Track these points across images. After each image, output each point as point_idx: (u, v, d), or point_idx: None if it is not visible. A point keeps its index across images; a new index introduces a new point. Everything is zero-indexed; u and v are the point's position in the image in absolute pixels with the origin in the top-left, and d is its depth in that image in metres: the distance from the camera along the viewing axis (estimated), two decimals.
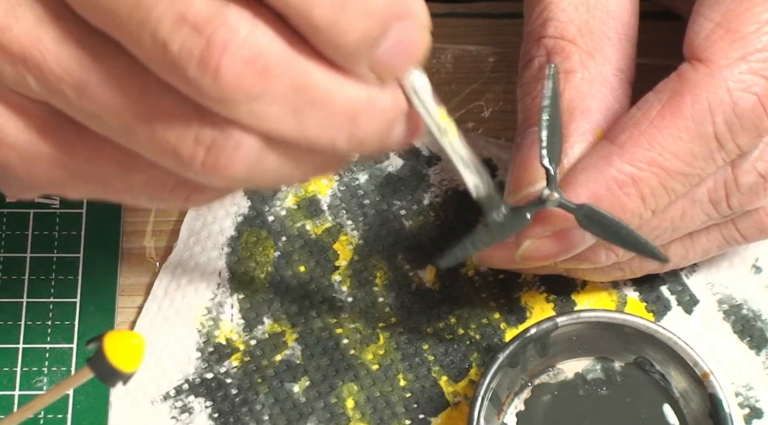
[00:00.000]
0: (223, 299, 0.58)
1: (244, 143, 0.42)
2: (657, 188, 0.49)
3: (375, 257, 0.59)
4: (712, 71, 0.49)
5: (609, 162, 0.49)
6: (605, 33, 0.52)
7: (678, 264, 0.56)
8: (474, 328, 0.57)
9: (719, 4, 0.50)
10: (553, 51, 0.52)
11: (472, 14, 0.64)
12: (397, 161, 0.60)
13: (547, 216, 0.50)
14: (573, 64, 0.52)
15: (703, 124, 0.49)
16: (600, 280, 0.57)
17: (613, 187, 0.49)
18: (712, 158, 0.50)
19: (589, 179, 0.49)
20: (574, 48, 0.52)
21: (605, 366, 0.55)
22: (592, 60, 0.52)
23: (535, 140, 0.50)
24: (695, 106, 0.49)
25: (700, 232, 0.54)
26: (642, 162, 0.49)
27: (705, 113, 0.49)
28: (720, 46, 0.49)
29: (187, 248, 0.59)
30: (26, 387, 0.55)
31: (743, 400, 0.56)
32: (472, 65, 0.63)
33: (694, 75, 0.49)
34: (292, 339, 0.57)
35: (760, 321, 0.57)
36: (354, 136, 0.43)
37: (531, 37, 0.54)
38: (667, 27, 0.57)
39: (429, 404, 0.56)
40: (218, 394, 0.56)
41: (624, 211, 0.49)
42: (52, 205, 0.59)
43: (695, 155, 0.49)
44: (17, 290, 0.57)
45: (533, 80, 0.53)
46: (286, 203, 0.60)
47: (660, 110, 0.49)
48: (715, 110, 0.49)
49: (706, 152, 0.49)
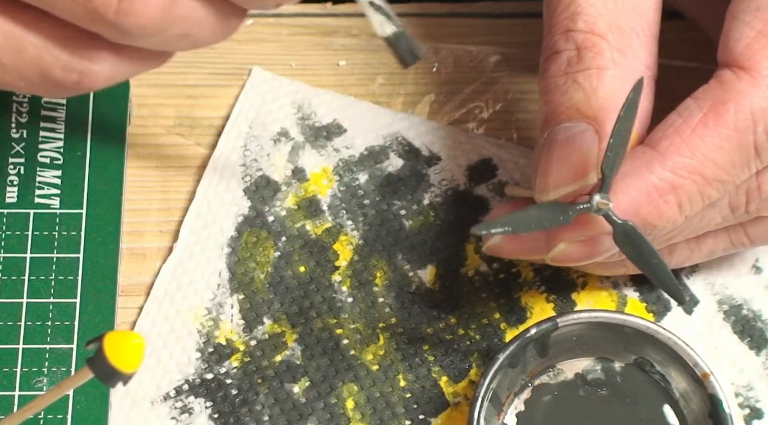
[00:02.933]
0: (223, 299, 0.58)
1: None
2: (695, 196, 0.49)
3: (375, 257, 0.59)
4: (756, 80, 0.49)
5: (650, 169, 0.49)
6: (633, 29, 0.52)
7: (681, 264, 0.56)
8: (474, 328, 0.57)
9: (761, 11, 0.49)
10: (583, 46, 0.52)
11: (472, 14, 0.64)
12: (397, 161, 0.60)
13: (587, 222, 0.49)
14: (605, 61, 0.51)
15: (746, 133, 0.49)
16: (603, 274, 0.57)
17: (654, 194, 0.49)
18: (748, 166, 0.50)
19: (630, 186, 0.49)
20: (605, 43, 0.51)
21: (605, 367, 0.55)
22: (623, 57, 0.51)
23: (574, 136, 0.50)
24: (738, 115, 0.49)
25: (708, 234, 0.54)
26: (683, 170, 0.49)
27: (748, 122, 0.49)
28: (764, 55, 0.49)
29: (187, 248, 0.59)
30: (26, 388, 0.55)
31: (743, 400, 0.56)
32: (472, 65, 0.63)
33: (737, 84, 0.49)
34: (292, 339, 0.57)
35: (760, 322, 0.57)
36: None
37: (557, 29, 0.53)
38: (670, 27, 0.57)
39: (429, 404, 0.56)
40: (218, 395, 0.56)
41: (661, 218, 0.49)
42: (51, 205, 0.59)
43: (734, 164, 0.49)
44: (17, 291, 0.57)
45: (561, 74, 0.52)
46: (286, 204, 0.60)
47: (702, 117, 0.49)
48: (758, 120, 0.49)
49: (743, 161, 0.49)
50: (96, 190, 0.59)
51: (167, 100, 0.62)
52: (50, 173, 0.60)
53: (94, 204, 0.59)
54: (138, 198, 0.60)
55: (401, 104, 0.62)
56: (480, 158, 0.61)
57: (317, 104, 0.62)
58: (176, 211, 0.60)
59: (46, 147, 0.60)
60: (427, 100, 0.62)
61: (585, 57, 0.51)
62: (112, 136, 0.60)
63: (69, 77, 0.46)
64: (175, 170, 0.61)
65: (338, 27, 0.64)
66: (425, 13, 0.64)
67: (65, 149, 0.60)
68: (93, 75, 0.46)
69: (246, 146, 0.61)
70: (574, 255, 0.51)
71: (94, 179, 0.59)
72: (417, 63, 0.49)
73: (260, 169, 0.60)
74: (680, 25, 0.62)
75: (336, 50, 0.63)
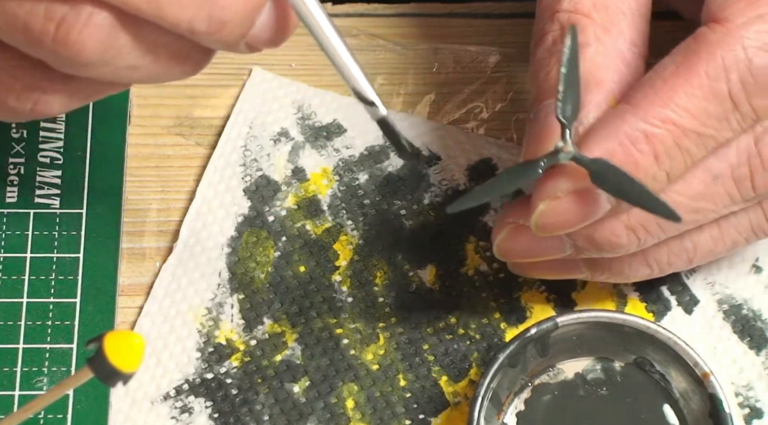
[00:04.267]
0: (223, 299, 0.58)
1: (95, 18, 0.42)
2: (671, 147, 0.49)
3: (375, 257, 0.59)
4: (728, 30, 0.48)
5: (623, 119, 0.49)
6: (620, 8, 0.52)
7: (705, 259, 0.55)
8: (474, 328, 0.57)
9: None
10: (567, 25, 0.52)
11: (472, 14, 0.64)
12: (397, 161, 0.60)
13: (559, 171, 0.49)
14: (587, 38, 0.51)
15: (718, 81, 0.48)
16: (628, 281, 0.56)
17: (626, 143, 0.49)
18: (726, 119, 0.49)
19: (602, 136, 0.49)
20: (588, 21, 0.52)
21: (605, 366, 0.55)
22: (606, 34, 0.51)
23: (550, 112, 0.50)
24: (710, 63, 0.48)
25: (729, 220, 0.53)
26: (656, 119, 0.49)
27: (719, 69, 0.48)
28: (738, 7, 0.49)
29: (187, 248, 0.59)
30: (26, 387, 0.55)
31: (743, 400, 0.56)
32: (472, 65, 0.63)
33: (710, 35, 0.49)
34: (292, 339, 0.57)
35: (760, 321, 0.57)
36: (214, 17, 0.42)
37: (545, 14, 0.53)
38: (667, 27, 0.57)
39: (429, 404, 0.56)
40: (218, 394, 0.56)
41: (637, 168, 0.49)
42: (51, 205, 0.59)
43: (709, 114, 0.49)
44: (17, 291, 0.57)
45: (547, 55, 0.52)
46: (286, 203, 0.60)
47: (674, 69, 0.49)
48: (729, 68, 0.48)
49: (720, 112, 0.49)
50: (96, 190, 0.59)
51: (167, 101, 0.62)
52: (50, 173, 0.60)
53: (94, 204, 0.59)
54: (138, 198, 0.60)
55: (401, 104, 0.62)
56: (480, 158, 0.61)
57: (317, 104, 0.62)
58: (176, 211, 0.60)
59: (46, 147, 0.60)
60: (427, 100, 0.62)
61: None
62: (112, 136, 0.60)
63: (24, 106, 0.46)
64: (175, 170, 0.61)
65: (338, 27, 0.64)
66: (425, 13, 0.64)
67: (65, 149, 0.60)
68: (47, 104, 0.46)
69: (246, 146, 0.61)
70: (560, 216, 0.50)
71: (94, 179, 0.59)
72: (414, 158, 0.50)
73: (260, 169, 0.60)
74: (679, 26, 0.62)
75: None
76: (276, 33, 0.46)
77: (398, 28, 0.64)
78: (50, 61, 0.44)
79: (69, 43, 0.43)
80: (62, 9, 0.42)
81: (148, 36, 0.44)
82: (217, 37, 0.44)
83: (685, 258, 0.54)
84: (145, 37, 0.44)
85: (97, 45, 0.43)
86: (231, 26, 0.43)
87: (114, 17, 0.43)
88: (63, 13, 0.42)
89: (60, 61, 0.44)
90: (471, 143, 0.61)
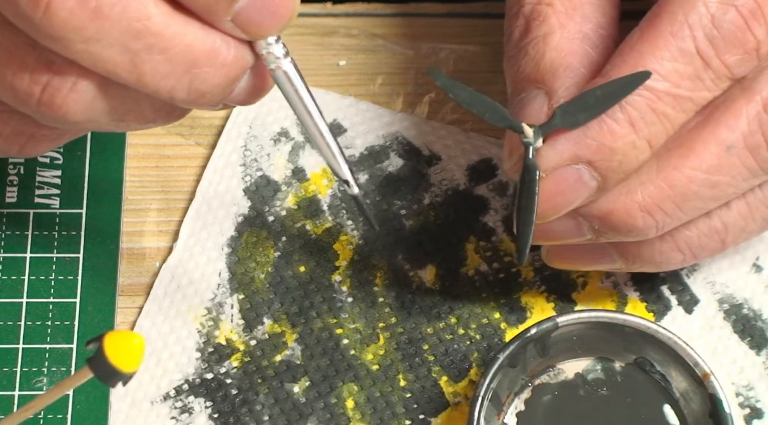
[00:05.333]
0: (223, 299, 0.58)
1: (80, 84, 0.43)
2: (646, 112, 0.48)
3: (375, 257, 0.59)
4: None
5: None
6: None
7: (737, 240, 0.53)
8: (474, 328, 0.57)
9: None
10: (530, 17, 0.52)
11: (472, 14, 0.64)
12: (397, 160, 0.60)
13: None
14: (551, 26, 0.51)
15: (683, 39, 0.48)
16: (660, 269, 0.54)
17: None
18: (699, 77, 0.48)
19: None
20: (551, 10, 0.52)
21: (605, 366, 0.55)
22: (570, 20, 0.51)
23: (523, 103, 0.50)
24: (674, 23, 0.48)
25: (756, 195, 0.52)
26: None
27: (684, 28, 0.48)
28: None
29: (187, 248, 0.59)
30: (26, 387, 0.55)
31: (743, 400, 0.56)
32: (472, 65, 0.63)
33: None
34: (292, 339, 0.57)
35: (760, 321, 0.57)
36: (193, 88, 0.43)
37: (511, 11, 0.53)
38: None
39: (429, 404, 0.56)
40: (218, 394, 0.56)
41: (615, 138, 0.48)
42: (51, 205, 0.59)
43: (681, 74, 0.48)
44: (17, 291, 0.57)
45: (516, 51, 0.52)
46: (286, 203, 0.60)
47: (640, 34, 0.49)
48: (693, 25, 0.48)
49: (691, 71, 0.48)
50: (96, 190, 0.59)
51: None
52: (50, 173, 0.60)
53: (94, 204, 0.59)
54: (138, 198, 0.60)
55: (401, 104, 0.62)
56: (480, 158, 0.61)
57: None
58: (176, 211, 0.60)
59: None
60: (427, 100, 0.62)
61: (531, 27, 0.52)
62: (112, 136, 0.60)
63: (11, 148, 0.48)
64: (175, 170, 0.61)
65: (338, 27, 0.64)
66: (425, 13, 0.64)
67: (65, 149, 0.60)
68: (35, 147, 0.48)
69: (246, 146, 0.61)
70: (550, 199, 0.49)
71: (94, 179, 0.59)
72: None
73: (260, 169, 0.60)
74: None
75: (336, 50, 0.63)
76: (251, 95, 0.47)
77: (398, 28, 0.64)
78: (37, 118, 0.45)
79: (54, 106, 0.44)
80: (48, 73, 0.43)
81: (131, 96, 0.45)
82: (196, 104, 0.45)
83: (717, 239, 0.53)
84: (129, 97, 0.45)
85: (82, 108, 0.44)
86: (210, 96, 0.45)
87: (98, 83, 0.44)
88: (48, 77, 0.43)
89: (45, 120, 0.45)
90: (471, 143, 0.61)
